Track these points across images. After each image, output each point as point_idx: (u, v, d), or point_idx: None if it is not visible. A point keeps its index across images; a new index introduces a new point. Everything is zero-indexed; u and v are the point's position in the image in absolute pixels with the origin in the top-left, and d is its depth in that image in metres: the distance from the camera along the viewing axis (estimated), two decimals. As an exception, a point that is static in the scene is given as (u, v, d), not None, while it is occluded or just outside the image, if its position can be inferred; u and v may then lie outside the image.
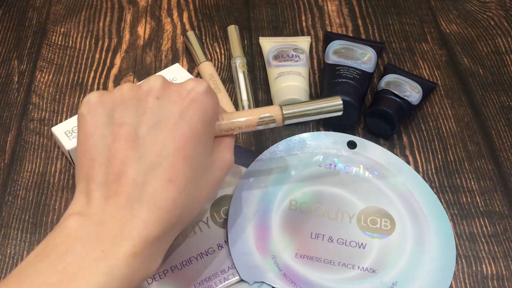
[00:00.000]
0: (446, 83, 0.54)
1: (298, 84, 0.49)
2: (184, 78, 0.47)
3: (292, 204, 0.43)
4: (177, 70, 0.49)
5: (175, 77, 0.48)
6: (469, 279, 0.40)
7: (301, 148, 0.46)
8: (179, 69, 0.49)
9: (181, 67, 0.50)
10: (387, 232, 0.41)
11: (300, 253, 0.40)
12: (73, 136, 0.43)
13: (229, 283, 0.39)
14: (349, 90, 0.47)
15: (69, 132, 0.44)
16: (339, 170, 0.45)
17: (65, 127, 0.44)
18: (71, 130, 0.44)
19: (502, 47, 0.57)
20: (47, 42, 0.56)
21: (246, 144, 0.48)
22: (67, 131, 0.44)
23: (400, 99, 0.47)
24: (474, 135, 0.50)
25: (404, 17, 0.60)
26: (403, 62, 0.56)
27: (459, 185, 0.46)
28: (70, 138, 0.43)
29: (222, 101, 0.50)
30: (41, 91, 0.52)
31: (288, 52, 0.52)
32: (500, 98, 0.53)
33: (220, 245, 0.40)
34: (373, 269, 0.39)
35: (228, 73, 0.54)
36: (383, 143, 0.49)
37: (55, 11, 0.60)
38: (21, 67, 0.54)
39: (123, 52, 0.56)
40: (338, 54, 0.52)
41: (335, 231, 0.41)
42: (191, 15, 0.60)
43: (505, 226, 0.43)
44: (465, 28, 0.59)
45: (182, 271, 0.39)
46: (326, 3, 0.62)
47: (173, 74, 0.48)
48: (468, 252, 0.42)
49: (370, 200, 0.43)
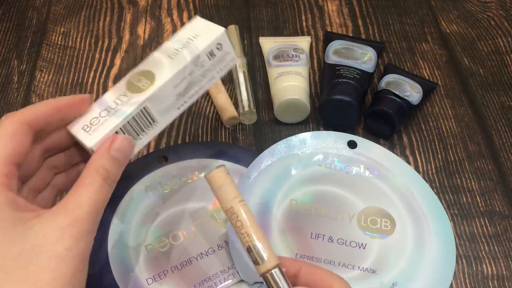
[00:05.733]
0: (446, 83, 0.54)
1: (298, 84, 0.48)
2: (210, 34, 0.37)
3: (292, 204, 0.43)
4: (200, 24, 0.38)
5: (197, 34, 0.37)
6: (469, 279, 0.40)
7: (301, 148, 0.46)
8: (202, 22, 0.38)
9: (203, 20, 0.39)
10: (387, 232, 0.41)
11: (300, 253, 0.40)
12: (92, 130, 0.34)
13: (229, 283, 0.39)
14: (349, 90, 0.47)
15: (87, 126, 0.34)
16: (339, 170, 0.45)
17: (82, 122, 0.34)
18: (89, 124, 0.34)
19: (503, 47, 0.57)
20: (47, 42, 0.56)
21: (246, 144, 0.48)
22: (85, 125, 0.34)
23: (400, 99, 0.47)
24: (474, 135, 0.50)
25: (404, 17, 0.60)
26: (403, 62, 0.56)
27: (459, 185, 0.46)
28: (90, 133, 0.34)
29: (222, 101, 0.50)
30: (41, 91, 0.52)
31: (288, 52, 0.52)
32: (500, 98, 0.53)
33: (220, 245, 0.40)
34: (373, 269, 0.39)
35: (228, 73, 0.54)
36: (383, 143, 0.49)
37: (55, 11, 0.60)
38: (21, 67, 0.54)
39: (123, 52, 0.56)
40: (338, 54, 0.51)
41: (335, 231, 0.41)
42: (191, 15, 0.60)
43: (505, 226, 0.43)
44: (466, 28, 0.59)
45: (182, 272, 0.39)
46: (326, 3, 0.62)
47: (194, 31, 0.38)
48: (468, 252, 0.42)
49: (370, 200, 0.43)
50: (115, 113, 0.34)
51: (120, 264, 0.39)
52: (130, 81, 0.35)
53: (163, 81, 0.35)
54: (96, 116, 0.34)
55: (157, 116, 0.36)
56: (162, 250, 0.40)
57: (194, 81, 0.37)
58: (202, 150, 0.46)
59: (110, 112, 0.34)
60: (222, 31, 0.37)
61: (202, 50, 0.36)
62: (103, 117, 0.34)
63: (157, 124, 0.36)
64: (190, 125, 0.50)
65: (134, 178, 0.44)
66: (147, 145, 0.48)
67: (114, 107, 0.34)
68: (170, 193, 0.43)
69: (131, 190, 0.43)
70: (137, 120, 0.35)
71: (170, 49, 0.37)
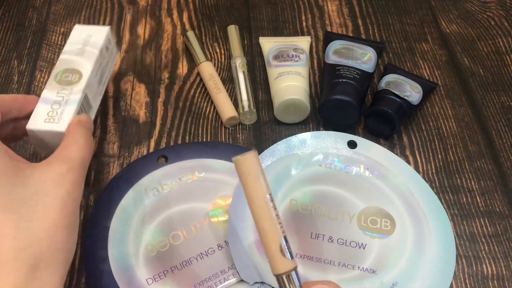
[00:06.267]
0: (446, 83, 0.54)
1: (298, 84, 0.48)
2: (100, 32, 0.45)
3: (292, 204, 0.43)
4: (84, 28, 0.46)
5: (89, 34, 0.45)
6: (469, 279, 0.40)
7: (301, 148, 0.46)
8: (85, 27, 0.46)
9: (84, 25, 0.47)
10: (387, 232, 0.41)
11: (300, 253, 0.40)
12: (57, 120, 0.39)
13: (229, 283, 0.39)
14: (349, 90, 0.47)
15: (47, 119, 0.39)
16: (339, 170, 0.45)
17: (39, 118, 0.39)
18: (48, 117, 0.39)
19: (502, 47, 0.57)
20: (47, 42, 0.56)
21: (246, 144, 0.48)
22: (45, 119, 0.39)
23: (400, 99, 0.47)
24: (474, 135, 0.50)
25: (404, 17, 0.60)
26: (403, 62, 0.56)
27: (459, 185, 0.46)
28: (56, 122, 0.39)
29: (222, 101, 0.50)
30: (41, 91, 0.52)
31: (288, 52, 0.52)
32: (500, 98, 0.53)
33: (220, 245, 0.40)
34: (373, 269, 0.39)
35: (228, 73, 0.54)
36: (383, 143, 0.49)
37: (55, 11, 0.60)
38: (21, 67, 0.54)
39: (123, 52, 0.56)
40: (338, 54, 0.51)
41: (335, 231, 0.41)
42: (191, 15, 0.60)
43: (505, 226, 0.43)
44: (466, 28, 0.59)
45: (182, 272, 0.39)
46: (326, 3, 0.62)
47: (85, 33, 0.45)
48: (468, 252, 0.42)
49: (370, 200, 0.43)
50: (66, 103, 0.40)
51: (120, 264, 0.39)
52: (60, 79, 0.42)
53: (89, 71, 0.42)
54: (50, 110, 0.39)
55: (92, 101, 0.43)
56: (162, 250, 0.40)
57: (103, 70, 0.46)
58: (202, 150, 0.46)
59: (62, 103, 0.40)
60: (108, 28, 0.46)
61: (102, 44, 0.45)
62: (57, 108, 0.40)
63: (92, 109, 0.44)
64: (190, 125, 0.50)
65: (134, 178, 0.44)
66: (147, 145, 0.48)
67: (62, 99, 0.40)
68: (170, 193, 0.43)
69: (131, 190, 0.43)
70: (83, 106, 0.41)
71: (73, 50, 0.44)
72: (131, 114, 0.50)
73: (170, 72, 0.54)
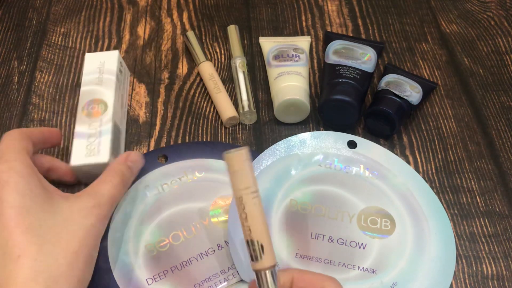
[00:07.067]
0: (446, 83, 0.54)
1: (298, 84, 0.49)
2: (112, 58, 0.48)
3: (292, 204, 0.43)
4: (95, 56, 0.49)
5: (102, 61, 0.48)
6: (469, 279, 0.40)
7: (301, 148, 0.46)
8: (95, 54, 0.49)
9: (94, 53, 0.49)
10: (387, 232, 0.41)
11: (300, 253, 0.40)
12: (96, 152, 0.42)
13: (229, 283, 0.39)
14: (349, 90, 0.47)
15: (87, 153, 0.42)
16: (339, 170, 0.45)
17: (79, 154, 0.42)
18: (87, 151, 0.42)
19: (502, 47, 0.57)
20: (47, 42, 0.56)
21: (246, 144, 0.48)
22: (85, 153, 0.42)
23: (400, 99, 0.47)
24: (474, 135, 0.50)
25: (404, 17, 0.60)
26: (403, 62, 0.56)
27: (459, 185, 0.46)
28: (96, 154, 0.42)
29: (222, 101, 0.50)
30: (41, 92, 0.52)
31: (288, 52, 0.52)
32: (500, 98, 0.53)
33: (220, 245, 0.40)
34: (373, 269, 0.39)
35: (228, 73, 0.54)
36: (383, 143, 0.49)
37: (55, 11, 0.60)
38: (21, 67, 0.54)
39: (123, 52, 0.56)
40: (338, 54, 0.51)
41: (335, 231, 0.41)
42: (191, 15, 0.60)
43: (505, 226, 0.43)
44: (465, 28, 0.59)
45: (182, 272, 0.39)
46: (326, 3, 0.62)
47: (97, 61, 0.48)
48: (468, 252, 0.42)
49: (370, 200, 0.43)
50: (100, 134, 0.43)
51: (120, 264, 0.39)
52: (87, 112, 0.44)
53: (112, 99, 0.45)
54: (87, 144, 0.42)
55: (120, 125, 0.46)
56: (162, 250, 0.40)
57: (122, 93, 0.49)
58: (202, 150, 0.46)
59: (96, 135, 0.43)
60: (117, 52, 0.49)
61: (116, 69, 0.47)
62: (93, 141, 0.42)
63: (122, 132, 0.47)
64: (190, 125, 0.50)
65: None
66: (147, 144, 0.48)
67: (96, 131, 0.43)
68: (170, 193, 0.43)
69: (131, 189, 0.43)
70: (115, 131, 0.44)
71: (91, 80, 0.47)
72: (131, 114, 0.50)
73: (170, 72, 0.54)
